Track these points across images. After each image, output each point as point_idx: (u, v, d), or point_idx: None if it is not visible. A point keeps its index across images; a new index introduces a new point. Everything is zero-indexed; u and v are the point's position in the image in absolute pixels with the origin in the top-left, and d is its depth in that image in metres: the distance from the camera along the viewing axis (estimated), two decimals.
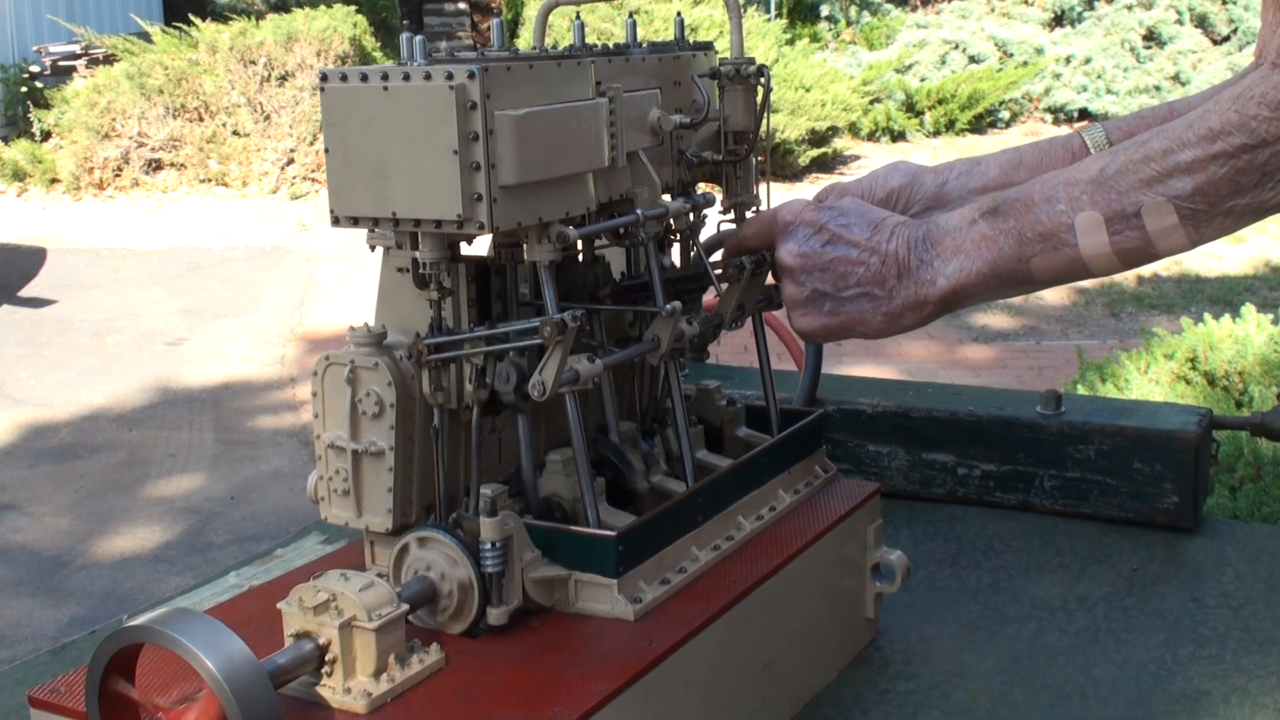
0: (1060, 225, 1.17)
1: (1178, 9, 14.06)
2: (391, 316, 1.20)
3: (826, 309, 1.27)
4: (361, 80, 1.10)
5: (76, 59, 11.90)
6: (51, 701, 1.07)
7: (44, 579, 4.65)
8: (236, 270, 8.87)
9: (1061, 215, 1.17)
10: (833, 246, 1.26)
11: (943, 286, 1.22)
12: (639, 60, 1.28)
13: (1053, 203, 1.17)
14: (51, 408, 6.36)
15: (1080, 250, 1.17)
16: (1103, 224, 1.15)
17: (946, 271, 1.22)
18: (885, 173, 1.41)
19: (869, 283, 1.25)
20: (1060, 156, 1.40)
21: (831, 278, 1.26)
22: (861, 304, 1.25)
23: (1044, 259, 1.18)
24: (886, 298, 1.24)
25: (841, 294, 1.26)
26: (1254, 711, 1.30)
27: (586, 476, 1.17)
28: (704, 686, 1.15)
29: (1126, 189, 1.14)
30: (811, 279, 1.27)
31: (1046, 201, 1.17)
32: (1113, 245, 1.15)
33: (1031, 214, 1.18)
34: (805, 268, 1.27)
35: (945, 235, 1.23)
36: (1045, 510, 1.75)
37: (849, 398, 1.84)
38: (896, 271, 1.24)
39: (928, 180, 1.41)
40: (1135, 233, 1.14)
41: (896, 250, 1.24)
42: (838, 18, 15.10)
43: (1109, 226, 1.15)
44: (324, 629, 1.03)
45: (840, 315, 1.27)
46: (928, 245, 1.23)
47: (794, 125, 11.05)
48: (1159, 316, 7.20)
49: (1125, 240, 1.15)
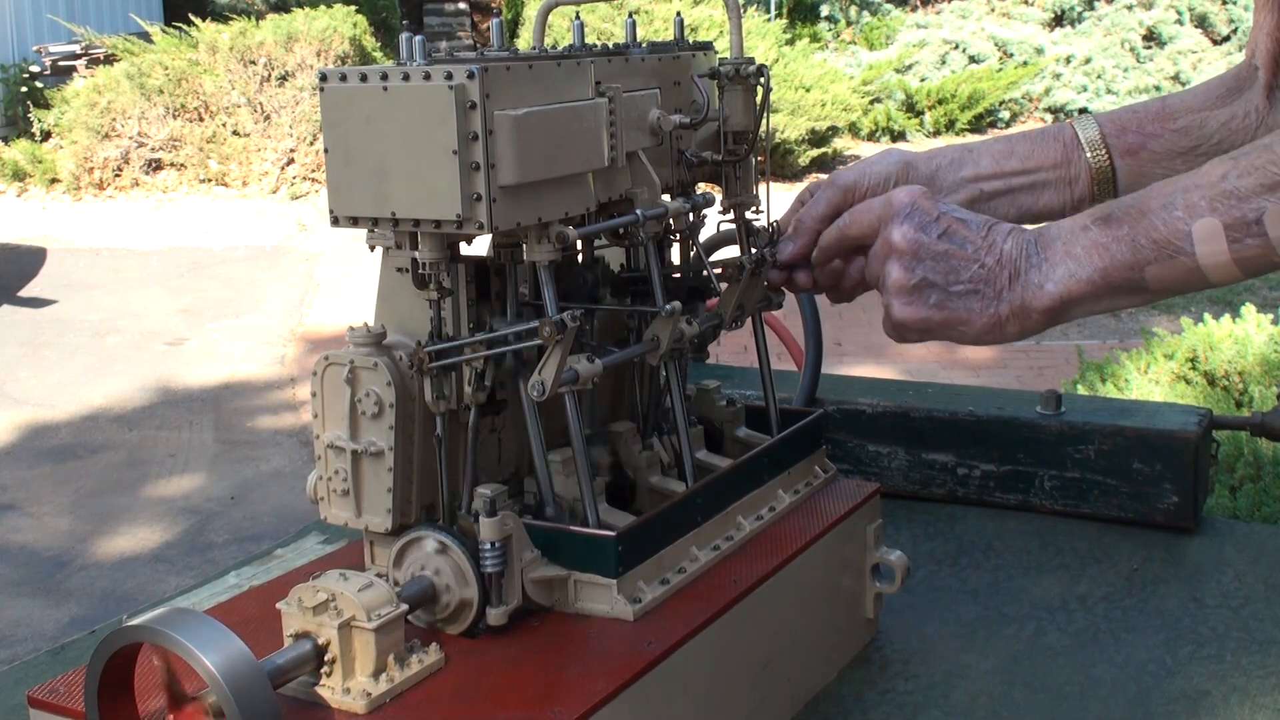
0: (1177, 232, 1.11)
1: (1178, 9, 14.07)
2: (391, 316, 1.20)
3: (933, 301, 1.20)
4: (361, 80, 1.10)
5: (76, 59, 11.90)
6: (51, 701, 1.07)
7: (44, 579, 4.65)
8: (236, 270, 8.87)
9: (1178, 222, 1.11)
10: (948, 238, 1.20)
11: (1050, 293, 1.16)
12: (639, 60, 1.28)
13: (1169, 209, 1.12)
14: (51, 408, 6.37)
15: (1197, 259, 1.11)
16: (1221, 231, 1.10)
17: (1055, 277, 1.16)
18: (878, 160, 1.40)
19: (980, 281, 1.18)
20: (1052, 147, 1.39)
21: (943, 269, 1.19)
22: (970, 301, 1.19)
23: (1159, 267, 1.13)
24: (995, 299, 1.18)
25: (951, 288, 1.19)
26: (1254, 711, 1.30)
27: (586, 476, 1.17)
28: (704, 686, 1.15)
29: (1248, 194, 1.09)
30: (923, 266, 1.20)
31: (1163, 208, 1.12)
32: (1232, 254, 1.10)
33: (1147, 220, 1.13)
34: (918, 254, 1.20)
35: (1055, 240, 1.17)
36: (1045, 510, 1.75)
37: (849, 398, 1.84)
38: (1009, 274, 1.17)
39: (920, 166, 1.39)
40: (1256, 241, 1.09)
41: (1010, 250, 1.18)
42: (838, 18, 15.11)
43: (1228, 234, 1.10)
44: (323, 629, 1.03)
45: (945, 310, 1.20)
46: (1039, 249, 1.17)
47: (794, 125, 11.06)
48: (1159, 316, 7.20)
49: (1246, 249, 1.10)
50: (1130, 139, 1.38)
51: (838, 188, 1.37)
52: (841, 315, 7.43)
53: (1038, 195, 1.39)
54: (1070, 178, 1.38)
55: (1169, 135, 1.37)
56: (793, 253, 1.36)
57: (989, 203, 1.40)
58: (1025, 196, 1.40)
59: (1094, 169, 1.38)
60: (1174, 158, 1.37)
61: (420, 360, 1.13)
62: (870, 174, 1.38)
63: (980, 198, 1.39)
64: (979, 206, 1.39)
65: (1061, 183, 1.39)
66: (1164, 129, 1.37)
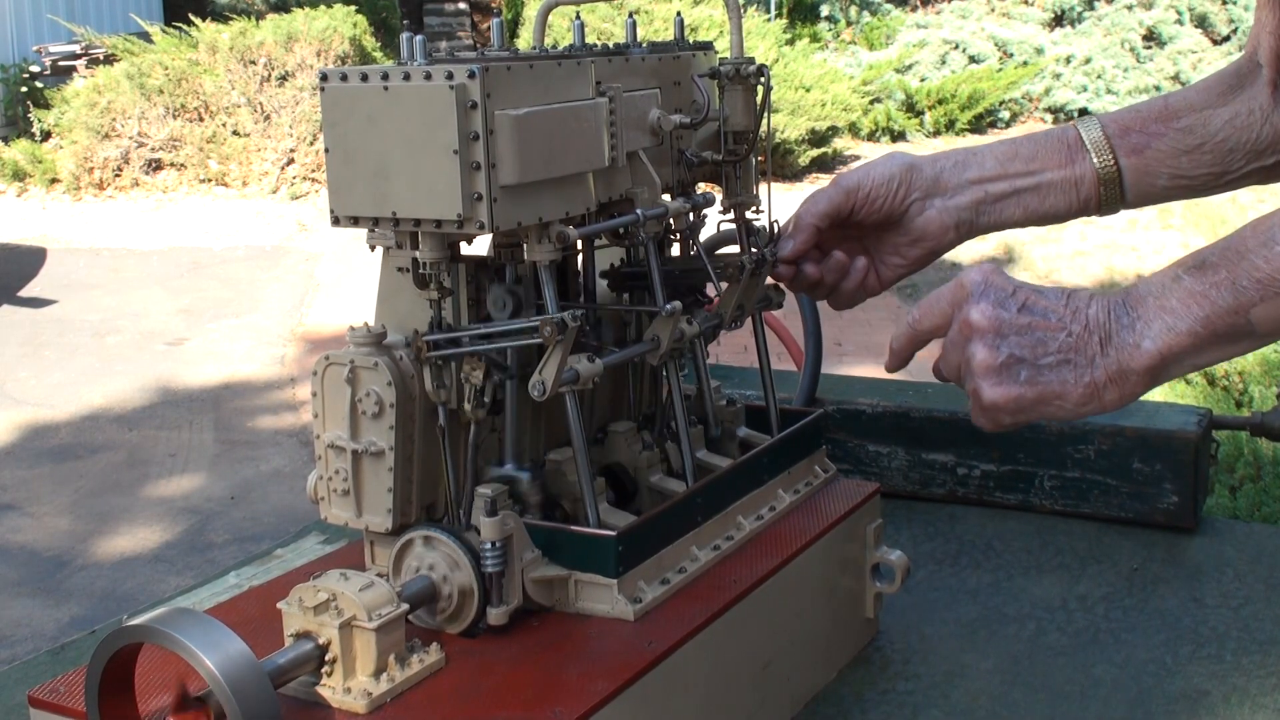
0: None
1: (1178, 9, 14.07)
2: (391, 316, 1.20)
3: (1023, 378, 1.12)
4: (361, 80, 1.10)
5: (76, 59, 11.90)
6: (51, 701, 1.07)
7: (44, 579, 4.65)
8: (236, 270, 8.87)
9: None
10: (1029, 311, 1.13)
11: (1149, 351, 1.08)
12: (639, 60, 1.28)
13: (1270, 245, 1.06)
14: (51, 408, 6.37)
15: None
16: None
17: (1151, 334, 1.08)
18: (881, 163, 1.39)
19: (1070, 350, 1.11)
20: (1056, 149, 1.38)
21: (1029, 342, 1.12)
22: (1063, 373, 1.11)
23: (1267, 307, 1.06)
24: (1088, 366, 1.10)
25: (1040, 361, 1.12)
26: (1254, 711, 1.30)
27: (587, 476, 1.17)
28: (704, 686, 1.15)
29: None
30: (1007, 343, 1.12)
31: (1263, 245, 1.06)
32: None
33: (1247, 260, 1.07)
34: (1000, 330, 1.13)
35: (1147, 297, 1.10)
36: (1045, 510, 1.75)
37: (849, 398, 1.84)
38: (1099, 339, 1.10)
39: (925, 168, 1.39)
40: None
41: (1097, 315, 1.11)
42: (838, 18, 15.11)
43: None
44: (324, 629, 1.03)
45: (1039, 385, 1.12)
46: (1128, 309, 1.10)
47: (794, 125, 11.05)
48: None
49: None
50: (1134, 139, 1.37)
51: (840, 188, 1.37)
52: (841, 315, 7.43)
53: (1043, 197, 1.39)
54: (1076, 178, 1.38)
55: (1173, 134, 1.36)
56: (793, 250, 1.36)
57: (994, 205, 1.39)
58: (1031, 198, 1.39)
59: (1099, 170, 1.37)
60: (1179, 156, 1.36)
61: (419, 349, 1.13)
62: (873, 176, 1.38)
63: (985, 199, 1.39)
64: (984, 209, 1.39)
65: (1067, 184, 1.38)
66: (1168, 128, 1.37)
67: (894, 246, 1.40)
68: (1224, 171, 1.37)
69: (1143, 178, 1.37)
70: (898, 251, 1.40)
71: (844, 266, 1.37)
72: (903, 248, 1.40)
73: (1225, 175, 1.37)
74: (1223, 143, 1.36)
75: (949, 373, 1.19)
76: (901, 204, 1.38)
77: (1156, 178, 1.37)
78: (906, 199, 1.38)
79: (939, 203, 1.38)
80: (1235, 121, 1.35)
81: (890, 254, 1.41)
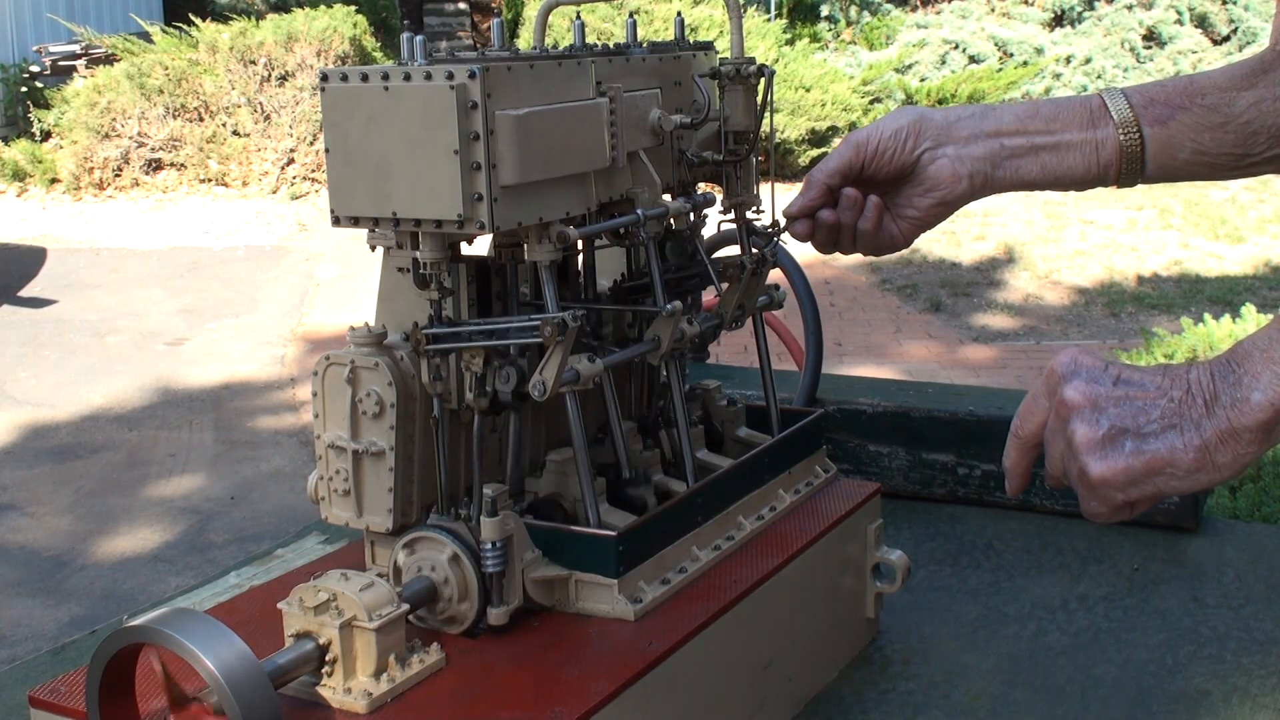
0: None
1: (1178, 9, 14.07)
2: (392, 316, 1.20)
3: (1129, 449, 1.05)
4: (362, 80, 1.10)
5: (76, 59, 11.89)
6: (51, 701, 1.07)
7: (44, 579, 4.65)
8: (236, 270, 8.87)
9: None
10: (1125, 384, 1.07)
11: (1259, 403, 1.01)
12: (639, 60, 1.28)
13: None
14: (51, 408, 6.36)
15: None
16: None
17: (1261, 386, 1.01)
18: (891, 116, 1.38)
19: (1173, 415, 1.04)
20: (1079, 112, 1.36)
21: (1131, 412, 1.05)
22: (1170, 439, 1.04)
23: None
24: (1195, 429, 1.03)
25: (1144, 429, 1.05)
26: (1254, 711, 1.30)
27: (587, 476, 1.17)
28: (704, 686, 1.15)
29: None
30: (1107, 415, 1.06)
31: None
32: None
33: None
34: (1098, 404, 1.06)
35: (1253, 352, 1.03)
36: (1045, 510, 1.75)
37: (849, 398, 1.84)
38: (1203, 401, 1.03)
39: (935, 117, 1.37)
40: None
41: (1199, 378, 1.04)
42: (838, 18, 15.10)
43: None
44: (324, 629, 1.03)
45: (1145, 455, 1.04)
46: (1233, 367, 1.03)
47: (794, 125, 11.06)
48: (1159, 316, 7.20)
49: None
50: (1158, 110, 1.35)
51: (850, 144, 1.36)
52: (842, 315, 7.44)
53: (1062, 156, 1.36)
54: (1097, 141, 1.35)
55: (1197, 110, 1.34)
56: (801, 205, 1.37)
57: (1011, 160, 1.36)
58: (1049, 156, 1.36)
59: (1122, 135, 1.35)
60: (1202, 131, 1.34)
61: (417, 341, 1.13)
62: (882, 129, 1.36)
63: (1001, 153, 1.36)
64: (1001, 163, 1.36)
65: (1088, 146, 1.35)
66: (1192, 103, 1.35)
67: (907, 198, 1.39)
68: (1246, 153, 1.34)
69: (1165, 149, 1.35)
70: (911, 203, 1.39)
71: (857, 202, 1.36)
72: (915, 198, 1.39)
73: (1247, 158, 1.35)
74: (1247, 124, 1.34)
75: (1053, 467, 1.11)
76: (912, 154, 1.36)
77: (1179, 150, 1.35)
78: (917, 148, 1.36)
79: (951, 150, 1.36)
80: (1261, 105, 1.33)
81: (905, 206, 1.39)
